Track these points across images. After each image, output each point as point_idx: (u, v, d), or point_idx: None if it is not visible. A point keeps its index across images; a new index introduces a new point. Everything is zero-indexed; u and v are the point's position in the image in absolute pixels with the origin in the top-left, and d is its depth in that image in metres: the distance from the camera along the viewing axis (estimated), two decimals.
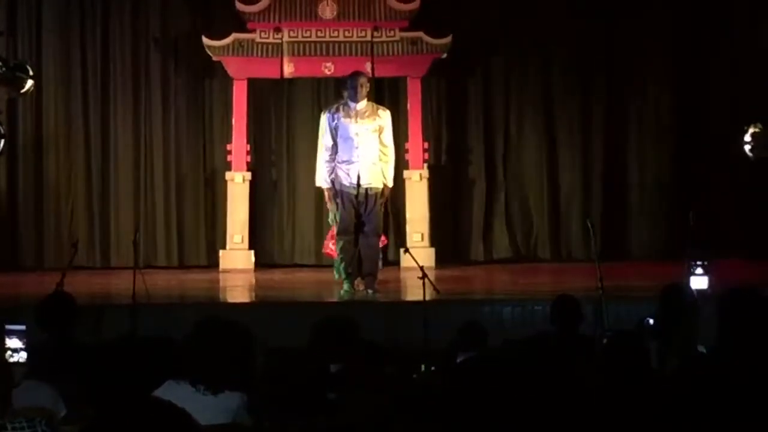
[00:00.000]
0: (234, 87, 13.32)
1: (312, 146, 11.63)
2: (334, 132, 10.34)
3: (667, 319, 6.65)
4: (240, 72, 13.26)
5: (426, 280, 8.90)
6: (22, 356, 4.96)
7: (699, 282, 7.51)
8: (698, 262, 7.51)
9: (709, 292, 7.37)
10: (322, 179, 10.53)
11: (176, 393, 4.34)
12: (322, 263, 12.80)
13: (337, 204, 10.42)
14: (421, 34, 13.16)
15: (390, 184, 10.54)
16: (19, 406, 4.34)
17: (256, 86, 13.50)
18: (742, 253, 12.36)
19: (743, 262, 11.69)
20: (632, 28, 13.74)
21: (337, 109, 10.47)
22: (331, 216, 10.83)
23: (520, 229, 13.95)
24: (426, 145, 13.38)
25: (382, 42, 13.17)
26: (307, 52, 13.18)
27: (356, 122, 10.33)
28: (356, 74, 10.60)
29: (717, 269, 8.35)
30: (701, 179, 13.50)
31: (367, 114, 10.40)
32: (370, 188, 10.26)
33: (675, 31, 13.75)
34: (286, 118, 13.81)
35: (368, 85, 10.61)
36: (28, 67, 11.09)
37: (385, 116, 10.53)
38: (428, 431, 3.50)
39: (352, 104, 10.38)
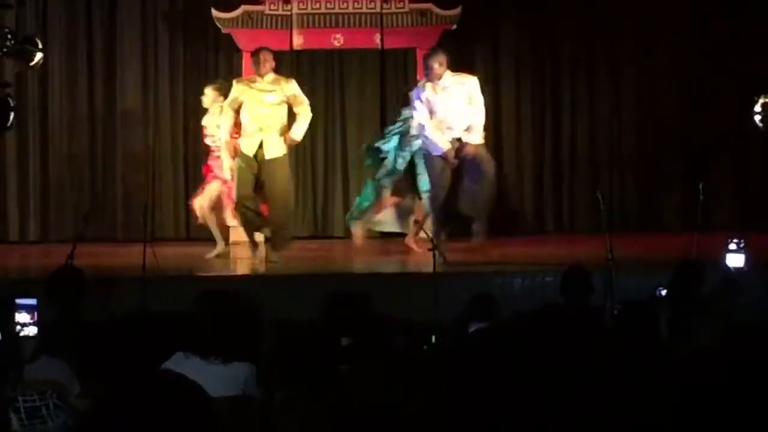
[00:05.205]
0: (243, 59, 13.29)
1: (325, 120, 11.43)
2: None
3: (681, 292, 6.63)
4: (249, 44, 13.19)
5: (437, 251, 8.90)
6: (31, 330, 4.95)
7: (735, 259, 7.40)
8: (735, 240, 7.40)
9: (746, 270, 7.27)
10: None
11: (186, 365, 4.34)
12: (333, 235, 12.86)
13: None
14: (430, 5, 13.11)
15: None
16: (31, 379, 4.34)
17: None
18: (752, 226, 12.31)
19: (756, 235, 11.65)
20: None
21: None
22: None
23: (531, 201, 13.94)
24: None
25: (391, 13, 13.12)
26: (317, 24, 13.14)
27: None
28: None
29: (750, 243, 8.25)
30: (712, 151, 13.46)
31: None
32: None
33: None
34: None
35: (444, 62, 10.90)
36: (37, 40, 11.04)
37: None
38: (439, 403, 3.50)
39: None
